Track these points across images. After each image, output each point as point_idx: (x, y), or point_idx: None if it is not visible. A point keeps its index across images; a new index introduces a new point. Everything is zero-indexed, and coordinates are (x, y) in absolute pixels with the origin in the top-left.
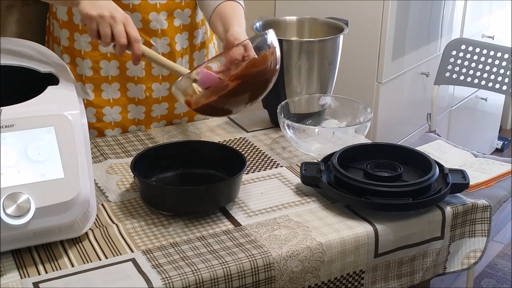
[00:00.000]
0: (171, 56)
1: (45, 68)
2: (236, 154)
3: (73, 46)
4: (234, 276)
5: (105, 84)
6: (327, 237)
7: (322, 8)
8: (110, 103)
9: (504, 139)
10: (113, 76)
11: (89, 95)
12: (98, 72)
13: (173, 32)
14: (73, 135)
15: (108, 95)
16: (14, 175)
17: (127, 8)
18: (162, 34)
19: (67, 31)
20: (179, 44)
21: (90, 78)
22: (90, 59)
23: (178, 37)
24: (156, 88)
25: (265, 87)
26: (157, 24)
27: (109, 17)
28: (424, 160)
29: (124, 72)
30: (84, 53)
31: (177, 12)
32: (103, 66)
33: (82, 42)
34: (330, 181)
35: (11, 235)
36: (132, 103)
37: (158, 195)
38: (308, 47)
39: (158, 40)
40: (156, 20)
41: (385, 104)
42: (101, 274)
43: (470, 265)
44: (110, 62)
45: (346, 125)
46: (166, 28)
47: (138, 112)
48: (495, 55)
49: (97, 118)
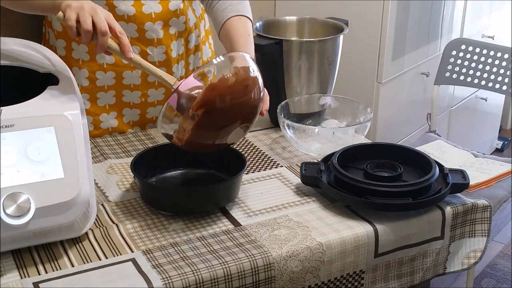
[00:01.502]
0: (167, 63)
1: (45, 68)
2: (236, 154)
3: (71, 56)
4: (234, 276)
5: (101, 92)
6: (327, 237)
7: (322, 8)
8: (106, 109)
9: (504, 139)
10: (109, 85)
11: (85, 103)
12: (94, 82)
13: (168, 40)
14: (73, 135)
15: (103, 101)
16: (14, 175)
17: (122, 18)
18: (158, 43)
19: (63, 41)
20: (174, 51)
21: (86, 88)
22: (87, 69)
23: (174, 44)
24: (152, 94)
25: (245, 112)
26: (152, 34)
27: (89, 8)
28: (424, 160)
29: (121, 81)
30: (82, 63)
31: (173, 21)
32: (100, 77)
33: (80, 51)
34: (330, 181)
35: (11, 235)
36: (127, 107)
37: (158, 195)
38: (308, 47)
39: (154, 49)
40: (151, 29)
41: (385, 104)
42: (101, 274)
43: (470, 265)
44: (106, 73)
45: (346, 125)
46: (162, 37)
47: (133, 114)
48: (495, 55)
49: (95, 126)
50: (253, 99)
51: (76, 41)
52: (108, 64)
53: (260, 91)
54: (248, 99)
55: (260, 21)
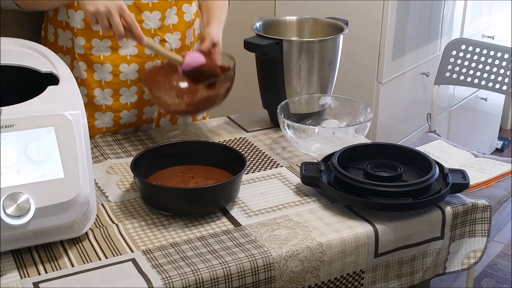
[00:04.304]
0: (182, 50)
1: (45, 68)
2: (236, 154)
3: (90, 53)
4: (234, 276)
5: (124, 88)
6: (327, 237)
7: (322, 8)
8: (128, 106)
9: (504, 139)
10: (132, 80)
11: (108, 100)
12: (118, 76)
13: (184, 27)
14: (73, 135)
15: (126, 99)
16: (14, 175)
17: (146, 7)
18: (174, 29)
19: (83, 39)
20: (188, 38)
21: (110, 82)
22: (110, 63)
23: (188, 32)
24: None
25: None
26: (169, 20)
27: (105, 11)
28: (424, 160)
29: (142, 74)
30: (104, 58)
31: (185, 6)
32: (123, 70)
33: (101, 47)
34: (330, 181)
35: (11, 235)
36: (147, 105)
37: (158, 195)
38: (308, 47)
39: (171, 35)
40: (169, 16)
41: (385, 104)
42: (101, 274)
43: (470, 265)
44: (130, 65)
45: (346, 125)
46: (176, 23)
47: (152, 111)
48: (495, 55)
49: (114, 122)
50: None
51: (99, 37)
52: (131, 55)
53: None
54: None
55: (260, 21)
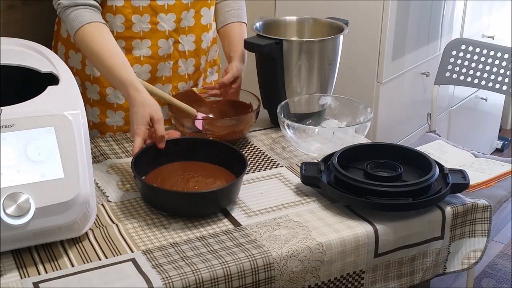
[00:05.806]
0: (196, 54)
1: (45, 68)
2: (237, 153)
3: None
4: (234, 276)
5: None
6: (327, 237)
7: (322, 8)
8: None
9: (504, 139)
10: (143, 80)
11: (120, 99)
12: None
13: (199, 30)
14: (73, 135)
15: None
16: (14, 175)
17: (162, 9)
18: (189, 31)
19: None
20: (204, 42)
21: None
22: None
23: (204, 36)
24: (182, 87)
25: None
26: (185, 22)
27: (143, 130)
28: (424, 160)
29: (154, 74)
30: None
31: (204, 10)
32: (136, 70)
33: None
34: (330, 181)
35: (11, 235)
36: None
37: (158, 196)
38: (308, 47)
39: (185, 37)
40: (185, 18)
41: (385, 104)
42: (101, 274)
43: (470, 265)
44: (143, 66)
45: (346, 125)
46: (192, 25)
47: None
48: (495, 55)
49: (125, 121)
50: None
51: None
52: (144, 56)
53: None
54: None
55: (260, 21)
